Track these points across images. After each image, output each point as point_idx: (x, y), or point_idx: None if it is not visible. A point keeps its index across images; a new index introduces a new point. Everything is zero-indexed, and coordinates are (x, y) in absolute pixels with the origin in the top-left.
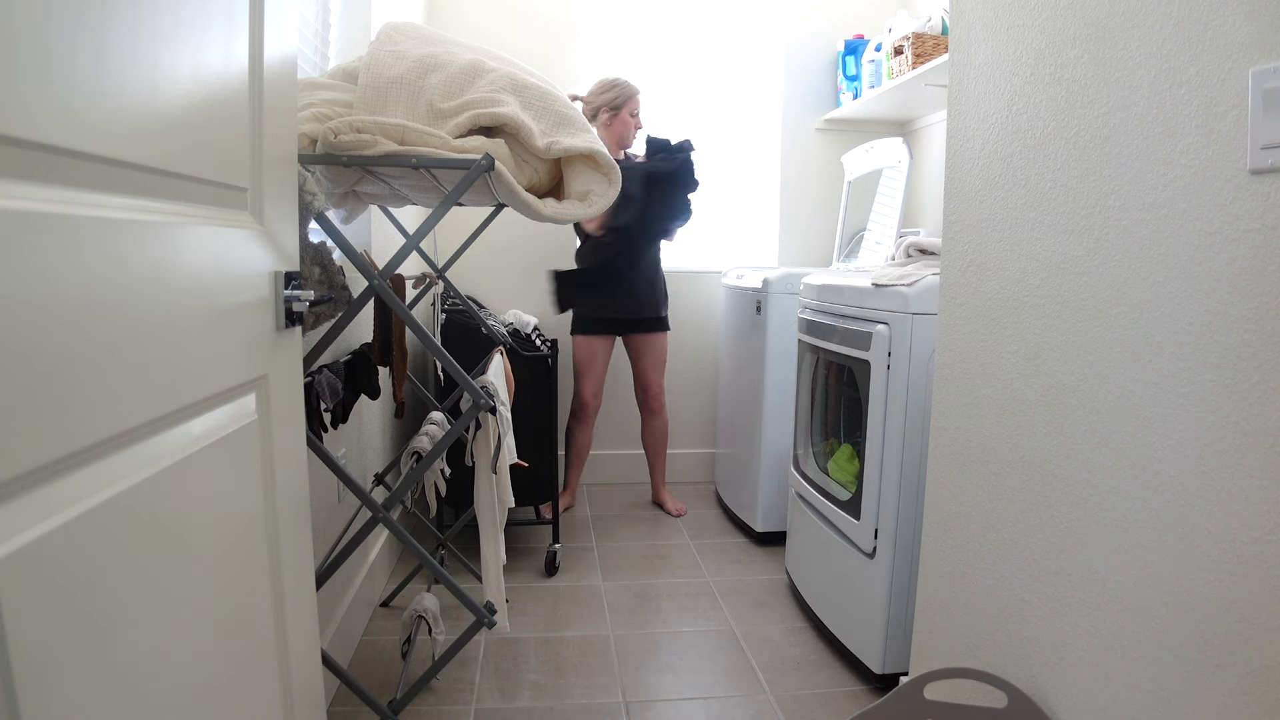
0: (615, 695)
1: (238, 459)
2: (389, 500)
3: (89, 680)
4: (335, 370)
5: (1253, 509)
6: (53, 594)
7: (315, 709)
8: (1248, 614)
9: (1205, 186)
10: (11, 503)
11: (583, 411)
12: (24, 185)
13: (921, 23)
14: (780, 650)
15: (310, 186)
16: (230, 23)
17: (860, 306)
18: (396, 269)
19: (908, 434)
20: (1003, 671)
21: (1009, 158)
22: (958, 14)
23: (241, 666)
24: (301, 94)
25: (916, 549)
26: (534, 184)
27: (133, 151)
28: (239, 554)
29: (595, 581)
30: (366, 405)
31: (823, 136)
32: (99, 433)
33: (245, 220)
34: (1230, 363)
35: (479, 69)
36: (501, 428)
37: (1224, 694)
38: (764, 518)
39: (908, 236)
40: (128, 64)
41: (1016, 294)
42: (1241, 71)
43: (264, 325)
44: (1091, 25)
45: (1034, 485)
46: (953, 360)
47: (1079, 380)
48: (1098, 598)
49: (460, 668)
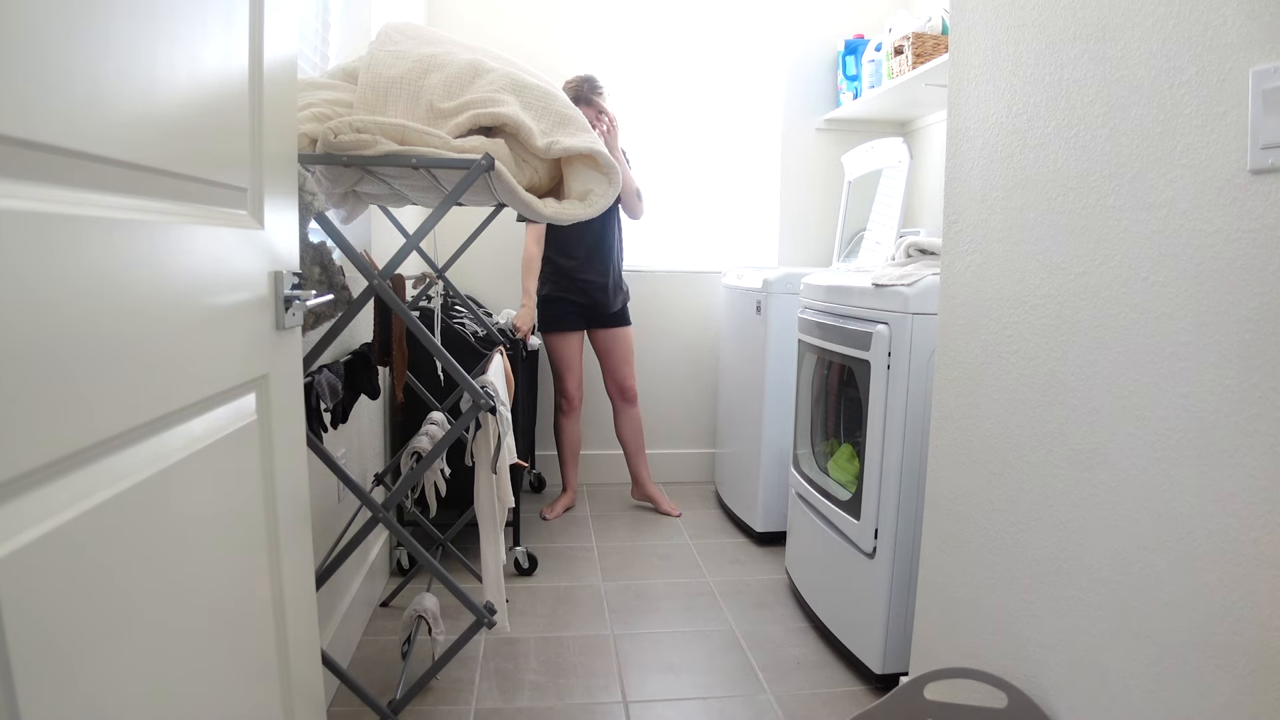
0: (615, 695)
1: (238, 459)
2: (389, 500)
3: (89, 680)
4: (335, 370)
5: (1253, 509)
6: (53, 594)
7: (315, 709)
8: (1248, 614)
9: (1205, 186)
10: (11, 503)
11: (569, 405)
12: (24, 185)
13: (921, 23)
14: (780, 650)
15: (310, 186)
16: (230, 23)
17: (860, 306)
18: (396, 269)
19: (908, 434)
20: (1003, 671)
21: (1009, 158)
22: (958, 14)
23: (241, 666)
24: (301, 94)
25: (916, 549)
26: (534, 184)
27: (132, 151)
28: (239, 554)
29: (595, 581)
30: (366, 405)
31: (823, 136)
32: (99, 433)
33: (245, 220)
34: (1230, 363)
35: (479, 69)
36: (501, 428)
37: (1224, 694)
38: (764, 518)
39: (908, 236)
40: (127, 64)
41: (1016, 294)
42: (1241, 71)
43: (264, 325)
44: (1091, 25)
45: (1034, 485)
46: (953, 360)
47: (1079, 380)
48: (1098, 598)
49: (460, 668)
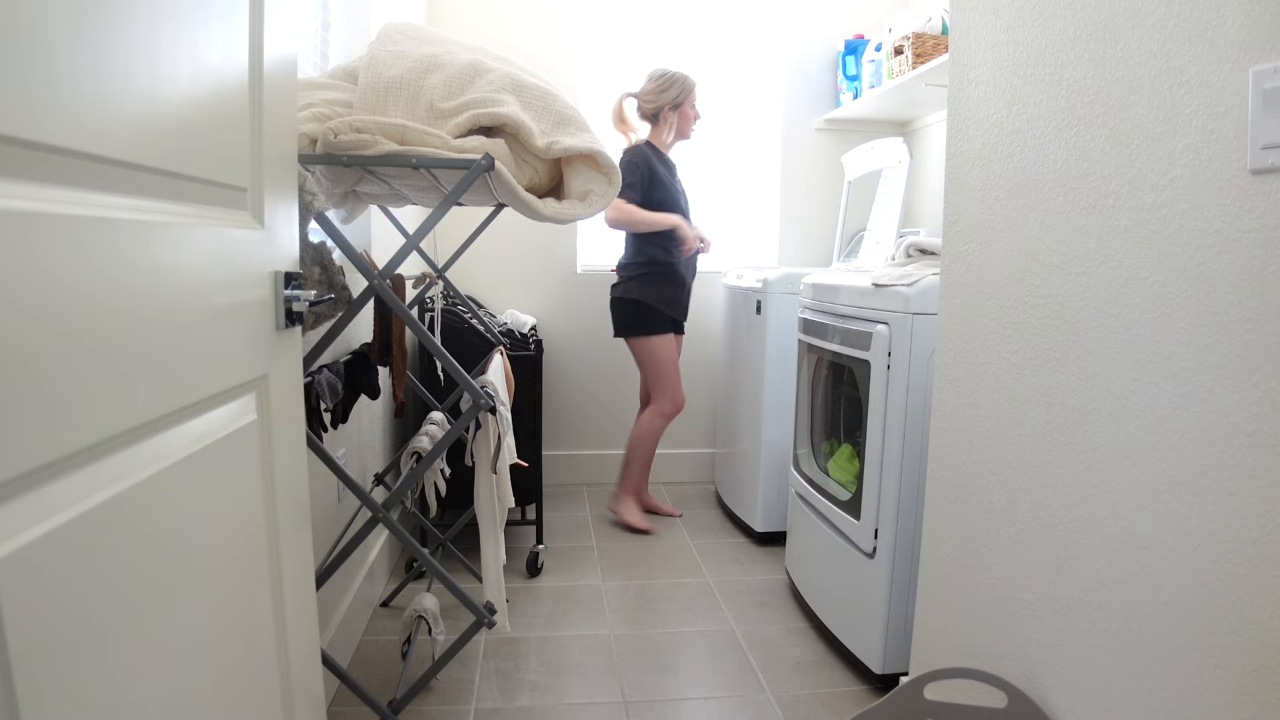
0: (615, 695)
1: (238, 459)
2: (389, 500)
3: (89, 680)
4: (335, 370)
5: (1253, 509)
6: (53, 594)
7: (315, 709)
8: (1248, 614)
9: (1205, 186)
10: (12, 503)
11: (676, 410)
12: (24, 185)
13: (921, 23)
14: (780, 650)
15: (310, 186)
16: (230, 23)
17: (860, 306)
18: (396, 269)
19: (908, 434)
20: (1003, 671)
21: (1009, 158)
22: (958, 14)
23: (241, 666)
24: (301, 94)
25: (916, 549)
26: (534, 184)
27: (133, 151)
28: (239, 554)
29: (595, 581)
30: (366, 405)
31: (823, 136)
32: (99, 433)
33: (245, 220)
34: (1230, 363)
35: (479, 69)
36: (501, 428)
37: (1224, 694)
38: (764, 518)
39: (908, 236)
40: (128, 64)
41: (1016, 294)
42: (1241, 71)
43: (264, 325)
44: (1091, 25)
45: (1034, 485)
46: (953, 360)
47: (1079, 380)
48: (1098, 598)
49: (460, 668)
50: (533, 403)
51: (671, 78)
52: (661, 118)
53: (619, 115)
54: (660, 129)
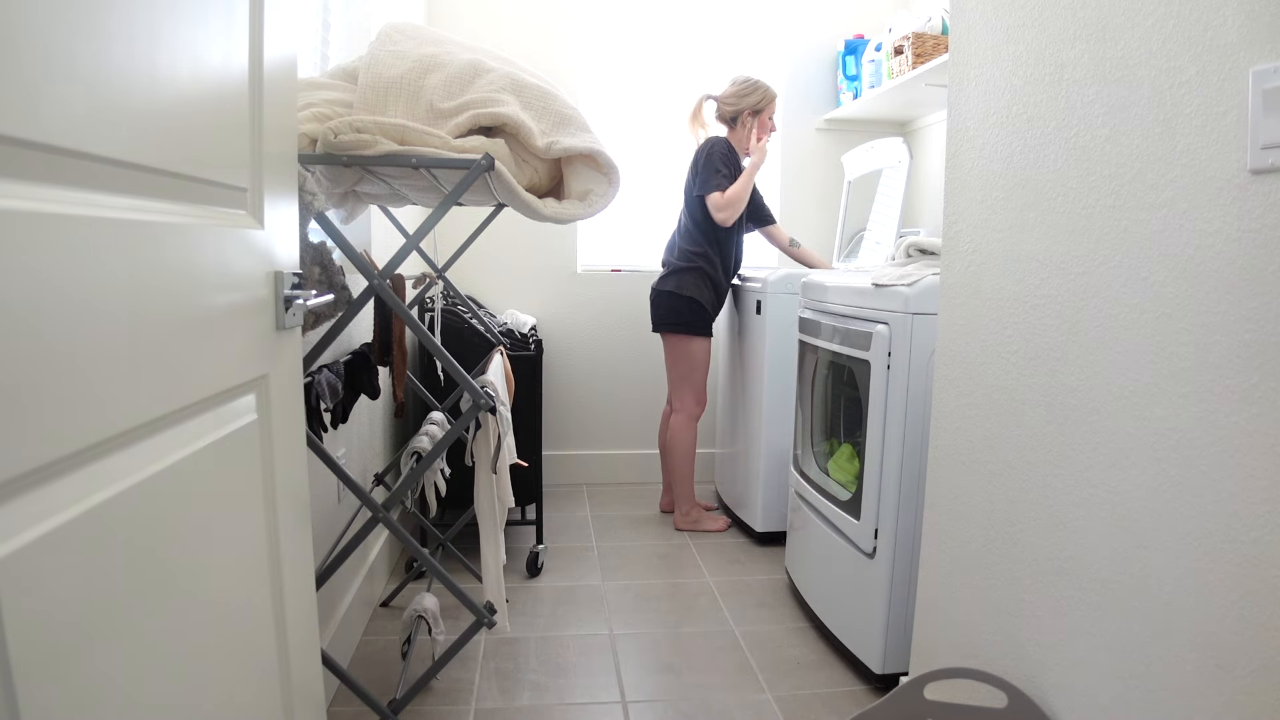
0: (615, 695)
1: (238, 459)
2: (389, 500)
3: (89, 680)
4: (335, 370)
5: (1253, 509)
6: (53, 594)
7: (315, 709)
8: (1248, 614)
9: (1205, 186)
10: (11, 503)
11: (701, 409)
12: (24, 185)
13: (921, 23)
14: (780, 650)
15: (310, 186)
16: (230, 22)
17: (860, 306)
18: (396, 269)
19: (908, 434)
20: (1003, 671)
21: (1009, 158)
22: (958, 14)
23: (241, 666)
24: (301, 94)
25: (916, 549)
26: (534, 184)
27: (132, 151)
28: (239, 554)
29: (595, 581)
30: (366, 405)
31: (823, 136)
32: (99, 433)
33: (245, 220)
34: (1230, 363)
35: (479, 69)
36: (501, 428)
37: (1224, 694)
38: (764, 518)
39: (908, 236)
40: (128, 64)
41: (1016, 294)
42: (1241, 71)
43: (264, 325)
44: (1091, 25)
45: (1034, 485)
46: (953, 360)
47: (1079, 380)
48: (1098, 598)
49: (460, 668)
50: (533, 403)
51: (755, 84)
52: (741, 122)
53: (696, 115)
54: (738, 133)
